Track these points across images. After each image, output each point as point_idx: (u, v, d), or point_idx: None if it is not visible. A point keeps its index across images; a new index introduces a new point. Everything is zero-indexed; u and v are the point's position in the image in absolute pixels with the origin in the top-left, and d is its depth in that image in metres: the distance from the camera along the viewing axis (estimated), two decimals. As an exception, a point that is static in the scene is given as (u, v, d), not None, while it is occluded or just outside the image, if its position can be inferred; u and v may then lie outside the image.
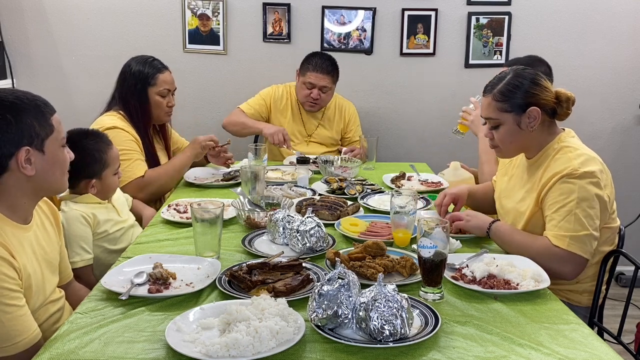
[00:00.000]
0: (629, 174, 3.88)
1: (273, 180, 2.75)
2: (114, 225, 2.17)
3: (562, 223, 1.83)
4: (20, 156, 1.48)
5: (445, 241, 1.56)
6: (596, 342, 1.38)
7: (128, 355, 1.28)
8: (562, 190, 1.86)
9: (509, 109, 1.93)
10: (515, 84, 1.92)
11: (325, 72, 3.28)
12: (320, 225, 1.90)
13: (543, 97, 1.92)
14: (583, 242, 1.82)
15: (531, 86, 1.91)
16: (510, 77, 1.94)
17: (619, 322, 1.99)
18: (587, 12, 3.70)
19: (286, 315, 1.36)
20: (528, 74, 1.94)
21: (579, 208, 1.82)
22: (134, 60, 2.74)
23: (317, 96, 3.30)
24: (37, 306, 1.57)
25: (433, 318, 1.41)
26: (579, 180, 1.84)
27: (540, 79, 1.94)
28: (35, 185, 1.55)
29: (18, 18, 3.64)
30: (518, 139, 1.96)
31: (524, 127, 1.94)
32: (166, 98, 2.75)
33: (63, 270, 1.80)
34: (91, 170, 2.11)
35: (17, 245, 1.50)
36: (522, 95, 1.91)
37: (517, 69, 1.99)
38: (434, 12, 3.68)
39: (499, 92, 1.94)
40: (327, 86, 3.30)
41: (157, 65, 2.74)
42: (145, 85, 2.69)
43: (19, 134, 1.48)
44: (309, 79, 3.28)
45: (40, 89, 3.76)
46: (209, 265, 1.73)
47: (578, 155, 1.89)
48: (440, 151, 3.76)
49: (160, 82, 2.71)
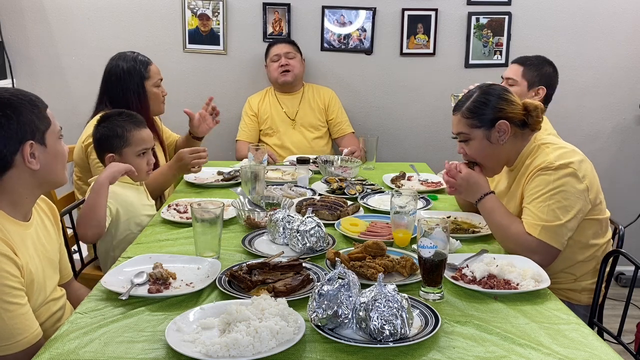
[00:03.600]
0: (628, 174, 3.88)
1: (273, 180, 2.75)
2: (142, 208, 2.28)
3: (536, 213, 1.89)
4: (25, 151, 1.50)
5: (445, 241, 1.56)
6: (596, 342, 1.38)
7: (128, 355, 1.28)
8: (538, 182, 1.91)
9: (478, 125, 1.98)
10: (482, 100, 1.99)
11: (284, 41, 3.56)
12: (320, 225, 1.90)
13: (510, 111, 1.97)
14: (555, 233, 1.86)
15: (498, 101, 1.97)
16: (477, 95, 2.01)
17: (619, 322, 1.99)
18: (587, 12, 3.69)
19: (286, 315, 1.36)
20: (494, 91, 2.00)
21: (553, 199, 1.87)
22: (119, 59, 2.74)
23: (286, 62, 3.49)
24: (39, 304, 1.57)
25: (433, 318, 1.41)
26: (554, 172, 1.89)
27: (507, 94, 2.00)
28: (38, 180, 1.56)
29: (18, 18, 3.64)
30: (490, 152, 2.01)
31: (494, 141, 1.99)
32: (160, 88, 2.83)
33: (63, 269, 1.80)
34: (110, 143, 2.24)
35: (18, 243, 1.51)
36: (490, 110, 1.97)
37: (483, 85, 2.05)
38: (434, 12, 3.68)
39: (467, 109, 2.00)
40: (290, 52, 3.51)
41: (144, 59, 2.78)
42: (142, 80, 2.73)
43: (21, 129, 1.50)
44: (273, 52, 3.52)
45: (40, 89, 3.78)
46: (209, 265, 1.73)
47: (555, 149, 1.95)
48: (440, 151, 3.75)
49: (153, 74, 2.78)
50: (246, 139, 3.52)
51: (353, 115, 3.76)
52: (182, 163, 2.56)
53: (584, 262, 2.04)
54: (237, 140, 3.59)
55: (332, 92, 3.66)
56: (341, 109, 3.66)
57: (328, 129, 3.65)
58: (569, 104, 3.74)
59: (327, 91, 3.66)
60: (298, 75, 3.54)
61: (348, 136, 3.62)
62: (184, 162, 2.56)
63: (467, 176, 2.04)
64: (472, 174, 2.04)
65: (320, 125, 3.60)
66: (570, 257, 2.00)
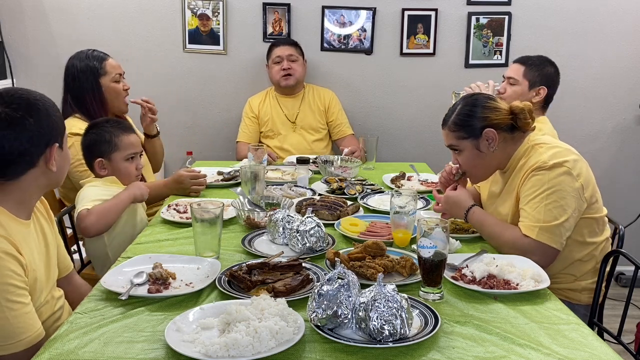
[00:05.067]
0: (628, 174, 3.88)
1: (273, 180, 2.75)
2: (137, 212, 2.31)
3: (533, 214, 1.89)
4: (51, 153, 1.55)
5: (445, 241, 1.56)
6: (596, 342, 1.38)
7: (128, 355, 1.28)
8: (533, 183, 1.92)
9: (466, 136, 2.00)
10: (466, 112, 2.01)
11: (286, 43, 3.52)
12: (320, 225, 1.90)
13: (495, 118, 1.98)
14: (552, 233, 1.87)
15: (482, 111, 1.99)
16: (461, 107, 2.03)
17: (619, 322, 1.99)
18: (587, 12, 3.69)
19: (286, 315, 1.36)
20: (477, 101, 2.02)
21: (549, 199, 1.88)
22: (75, 58, 2.70)
23: (288, 65, 3.46)
24: (41, 302, 1.58)
25: (433, 318, 1.41)
26: (548, 171, 1.90)
27: (490, 102, 2.01)
28: (49, 181, 1.60)
29: (18, 18, 3.64)
30: (481, 162, 2.03)
31: (484, 150, 2.00)
32: (120, 83, 2.74)
33: (62, 261, 1.80)
34: (99, 149, 2.25)
35: (21, 241, 1.51)
36: (475, 121, 1.98)
37: (466, 97, 2.07)
38: (434, 12, 3.68)
39: (452, 123, 2.03)
40: (292, 54, 3.48)
41: (100, 55, 2.73)
42: (96, 77, 2.67)
43: (50, 131, 1.55)
44: (275, 54, 3.49)
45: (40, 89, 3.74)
46: (208, 265, 1.73)
47: (548, 149, 1.96)
48: (440, 151, 3.72)
49: (109, 69, 2.70)
50: (246, 141, 3.51)
51: (353, 115, 3.76)
52: (181, 186, 2.53)
53: (583, 262, 2.04)
54: (238, 141, 3.59)
55: (332, 93, 3.66)
56: (341, 111, 3.66)
57: (328, 130, 3.65)
58: (569, 104, 3.73)
59: (327, 92, 3.65)
60: (300, 78, 3.54)
61: (348, 137, 3.62)
62: (183, 185, 2.53)
63: (445, 199, 2.10)
64: (449, 195, 2.10)
65: (320, 127, 3.59)
66: (568, 255, 2.00)
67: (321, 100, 3.61)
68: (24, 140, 1.49)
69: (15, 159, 1.50)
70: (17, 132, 1.48)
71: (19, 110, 1.49)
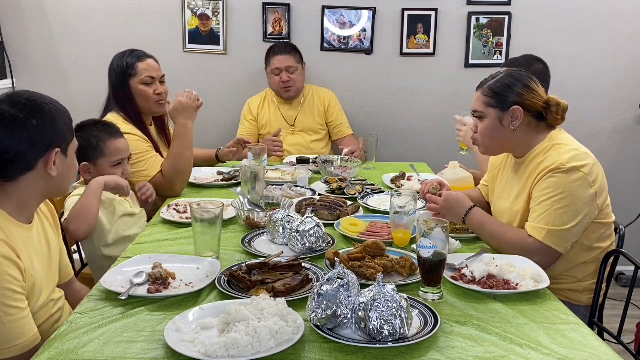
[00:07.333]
0: (628, 174, 3.88)
1: (273, 180, 2.75)
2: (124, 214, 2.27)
3: (543, 216, 1.88)
4: (51, 157, 1.54)
5: (444, 241, 1.56)
6: (596, 342, 1.38)
7: (127, 355, 1.28)
8: (548, 184, 1.90)
9: (494, 105, 1.99)
10: (505, 82, 1.99)
11: (285, 52, 3.45)
12: (319, 225, 1.90)
13: (529, 99, 1.97)
14: (559, 237, 1.86)
15: (520, 87, 1.97)
16: (502, 76, 2.02)
17: (619, 322, 1.99)
18: (587, 12, 3.69)
19: (285, 315, 1.36)
20: (520, 76, 2.01)
21: (561, 204, 1.86)
22: (116, 56, 2.70)
23: (287, 78, 3.44)
24: (39, 306, 1.57)
25: (432, 318, 1.41)
26: (565, 175, 1.87)
27: (531, 82, 2.00)
28: (50, 187, 1.59)
29: (18, 18, 3.64)
30: (498, 135, 2.01)
31: (505, 125, 1.99)
32: (152, 86, 2.66)
33: (63, 268, 1.80)
34: (85, 154, 2.18)
35: (21, 246, 1.51)
36: (509, 94, 1.97)
37: (511, 70, 2.06)
38: (434, 12, 3.68)
39: (488, 87, 2.02)
40: (292, 66, 3.44)
41: (137, 55, 2.69)
42: (126, 78, 2.62)
43: (53, 135, 1.54)
44: (274, 65, 3.44)
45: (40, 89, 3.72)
46: (208, 265, 1.73)
47: (568, 151, 1.93)
48: (440, 151, 3.75)
49: (141, 71, 2.63)
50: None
51: (353, 115, 3.76)
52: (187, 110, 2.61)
53: (586, 264, 2.03)
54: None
55: (332, 93, 3.66)
56: (341, 111, 3.65)
57: (328, 131, 3.64)
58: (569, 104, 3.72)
59: (327, 93, 3.65)
60: (300, 87, 3.53)
61: (348, 138, 3.62)
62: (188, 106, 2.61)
63: (446, 196, 2.06)
64: (451, 193, 2.08)
65: (319, 128, 3.59)
66: (572, 259, 1.99)
67: (321, 100, 3.61)
68: (22, 140, 1.48)
69: (12, 158, 1.49)
70: (16, 131, 1.48)
71: (23, 111, 1.49)
